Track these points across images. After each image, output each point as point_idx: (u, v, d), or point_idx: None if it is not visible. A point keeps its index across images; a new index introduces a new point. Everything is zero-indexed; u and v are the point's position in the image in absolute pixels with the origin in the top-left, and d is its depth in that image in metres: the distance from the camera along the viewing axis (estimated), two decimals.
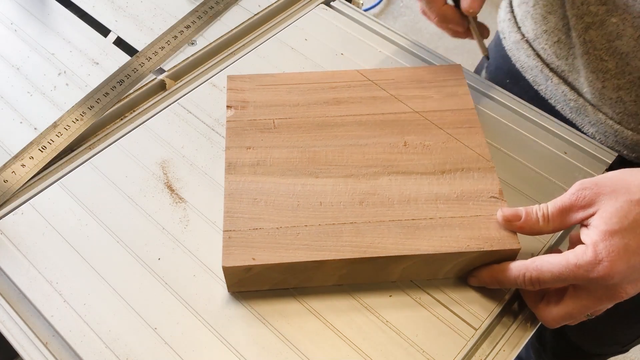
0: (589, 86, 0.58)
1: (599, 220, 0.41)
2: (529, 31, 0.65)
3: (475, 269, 0.48)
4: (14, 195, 0.54)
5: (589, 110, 0.60)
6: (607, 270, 0.40)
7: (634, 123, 0.57)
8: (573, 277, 0.42)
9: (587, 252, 0.41)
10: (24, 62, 0.64)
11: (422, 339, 0.46)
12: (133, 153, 0.56)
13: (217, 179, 0.55)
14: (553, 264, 0.42)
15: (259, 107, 0.55)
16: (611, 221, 0.41)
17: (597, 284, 0.41)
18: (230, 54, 0.66)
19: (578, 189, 0.43)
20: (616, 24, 0.53)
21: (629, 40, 0.53)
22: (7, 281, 0.49)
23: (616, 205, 0.41)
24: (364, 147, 0.52)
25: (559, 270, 0.42)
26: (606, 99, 0.58)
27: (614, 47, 0.54)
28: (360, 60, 0.65)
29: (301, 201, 0.48)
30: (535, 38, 0.64)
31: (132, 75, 0.62)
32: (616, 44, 0.54)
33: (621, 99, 0.57)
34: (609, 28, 0.54)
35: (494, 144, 0.58)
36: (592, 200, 0.43)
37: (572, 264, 0.41)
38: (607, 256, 0.40)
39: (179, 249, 0.50)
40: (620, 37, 0.54)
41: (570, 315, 0.44)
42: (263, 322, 0.46)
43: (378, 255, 0.45)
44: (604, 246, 0.40)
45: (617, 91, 0.57)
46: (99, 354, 0.45)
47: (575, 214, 0.44)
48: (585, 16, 0.55)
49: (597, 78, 0.57)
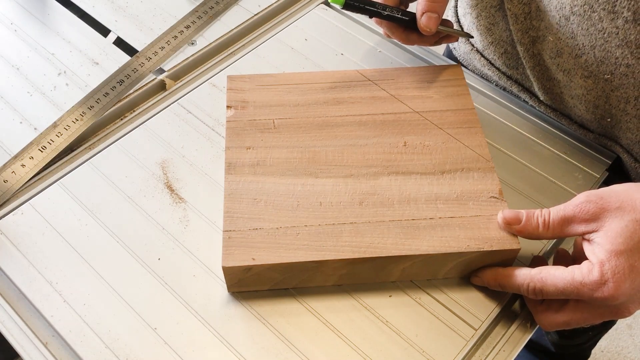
0: (545, 94, 0.58)
1: (605, 239, 0.41)
2: (477, 42, 0.64)
3: (479, 269, 0.48)
4: (14, 195, 0.54)
5: (552, 115, 0.60)
6: (612, 291, 0.40)
7: (593, 126, 0.58)
8: (577, 294, 0.41)
9: (593, 271, 0.40)
10: (24, 62, 0.64)
11: (422, 339, 0.46)
12: (133, 153, 0.56)
13: (217, 179, 0.55)
14: (558, 278, 0.42)
15: (258, 107, 0.55)
16: (617, 241, 0.40)
17: (601, 303, 0.41)
18: (230, 54, 0.66)
19: (582, 201, 0.43)
20: (553, 42, 0.53)
21: (567, 58, 0.53)
22: (7, 281, 0.49)
23: (621, 224, 0.41)
24: (364, 147, 0.52)
25: (564, 286, 0.42)
26: (564, 106, 0.58)
27: (557, 63, 0.55)
28: (360, 60, 0.65)
29: (301, 201, 0.48)
30: (484, 49, 0.63)
31: (132, 76, 0.62)
32: (558, 61, 0.54)
33: (576, 107, 0.57)
34: (549, 45, 0.54)
35: (494, 144, 0.58)
36: (595, 215, 0.42)
37: (578, 282, 0.41)
38: (613, 277, 0.40)
39: (179, 249, 0.50)
40: (560, 54, 0.54)
41: (567, 323, 0.44)
42: (263, 322, 0.46)
43: (378, 255, 0.45)
44: (609, 266, 0.40)
45: (570, 99, 0.57)
46: (99, 354, 0.45)
47: (576, 225, 0.43)
48: (530, 30, 0.55)
49: (553, 86, 0.57)
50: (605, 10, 0.47)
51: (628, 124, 0.53)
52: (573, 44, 0.52)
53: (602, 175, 0.57)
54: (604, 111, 0.55)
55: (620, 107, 0.52)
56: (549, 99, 0.59)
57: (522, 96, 0.62)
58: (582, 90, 0.54)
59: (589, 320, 0.43)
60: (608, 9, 0.47)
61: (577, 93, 0.55)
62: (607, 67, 0.50)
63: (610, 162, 0.57)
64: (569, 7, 0.50)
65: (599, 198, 0.42)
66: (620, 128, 0.55)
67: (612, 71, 0.50)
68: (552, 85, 0.57)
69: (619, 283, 0.40)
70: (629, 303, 0.41)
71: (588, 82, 0.53)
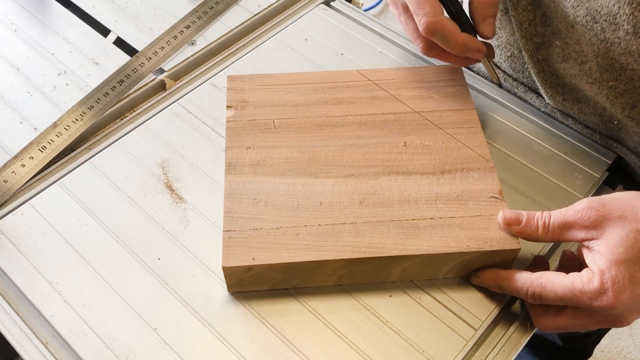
0: (550, 98, 0.58)
1: (605, 248, 0.41)
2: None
3: (480, 270, 0.48)
4: (14, 195, 0.54)
5: (558, 115, 0.60)
6: (611, 301, 0.40)
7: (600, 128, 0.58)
8: (575, 301, 0.41)
9: (593, 280, 0.40)
10: (24, 62, 0.64)
11: (422, 339, 0.46)
12: (133, 153, 0.56)
13: (217, 179, 0.55)
14: (558, 284, 0.42)
15: (258, 107, 0.55)
16: (617, 250, 0.40)
17: (600, 311, 0.41)
18: (230, 54, 0.66)
19: (584, 207, 0.43)
20: (561, 47, 0.53)
21: (573, 65, 0.53)
22: (7, 281, 0.49)
23: (622, 234, 0.41)
24: (364, 147, 0.52)
25: (563, 292, 0.42)
26: (569, 109, 0.58)
27: (563, 68, 0.55)
28: (360, 60, 0.65)
29: (301, 201, 0.48)
30: None
31: (132, 76, 0.62)
32: (564, 66, 0.54)
33: (582, 110, 0.57)
34: (556, 50, 0.54)
35: (494, 144, 0.58)
36: (596, 222, 0.42)
37: (577, 289, 0.41)
38: (613, 286, 0.40)
39: (179, 249, 0.50)
40: (566, 60, 0.54)
41: (564, 327, 0.44)
42: (263, 322, 0.46)
43: (378, 255, 0.45)
44: (609, 276, 0.40)
45: (577, 104, 0.57)
46: (99, 354, 0.45)
47: (576, 231, 0.43)
48: (534, 37, 0.55)
49: (557, 92, 0.57)
50: (607, 22, 0.47)
51: (634, 128, 0.53)
52: (579, 49, 0.52)
53: (602, 175, 0.56)
54: (610, 115, 0.54)
55: (626, 112, 0.52)
56: (555, 102, 0.59)
57: (528, 97, 0.62)
58: (588, 95, 0.54)
59: (586, 327, 0.43)
60: (609, 20, 0.47)
61: (582, 97, 0.55)
62: (611, 74, 0.50)
63: (610, 162, 0.57)
64: (572, 17, 0.50)
65: (601, 205, 0.42)
66: (626, 132, 0.55)
67: (616, 78, 0.50)
68: (558, 90, 0.57)
69: (618, 293, 0.40)
70: (627, 313, 0.41)
71: (593, 88, 0.53)
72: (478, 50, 0.53)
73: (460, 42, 0.51)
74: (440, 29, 0.50)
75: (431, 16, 0.49)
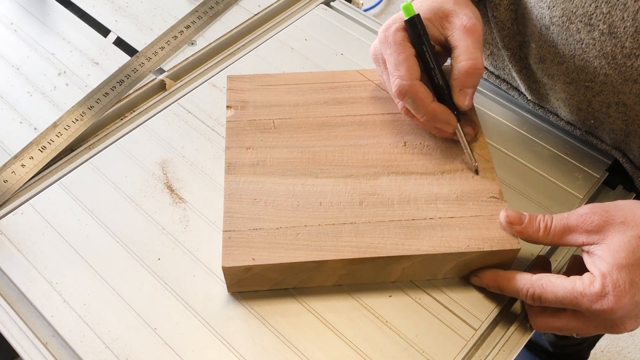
0: (532, 95, 0.59)
1: (607, 252, 0.41)
2: None
3: (480, 270, 0.48)
4: (14, 195, 0.54)
5: (540, 111, 0.60)
6: (611, 304, 0.40)
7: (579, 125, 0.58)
8: (575, 304, 0.41)
9: (595, 283, 0.40)
10: (24, 62, 0.64)
11: (422, 339, 0.46)
12: (133, 153, 0.56)
13: (217, 179, 0.55)
14: (558, 287, 0.42)
15: (258, 107, 0.55)
16: (619, 255, 0.40)
17: (599, 315, 0.41)
18: (230, 54, 0.66)
19: (587, 212, 0.43)
20: (536, 49, 0.54)
21: (550, 65, 0.53)
22: (7, 281, 0.49)
23: (624, 239, 0.41)
24: (364, 147, 0.52)
25: (563, 295, 0.42)
26: (550, 106, 0.59)
27: (541, 68, 0.55)
28: (360, 60, 0.65)
29: (301, 201, 0.48)
30: None
31: (132, 76, 0.62)
32: (542, 66, 0.55)
33: (561, 107, 0.58)
34: (533, 51, 0.54)
35: (494, 144, 0.58)
36: (599, 227, 0.42)
37: (578, 292, 0.41)
38: (614, 290, 0.40)
39: (179, 249, 0.50)
40: (544, 60, 0.54)
41: (560, 329, 0.44)
42: (263, 322, 0.46)
43: (378, 255, 0.45)
44: (611, 279, 0.40)
45: (556, 101, 0.57)
46: (98, 354, 0.45)
47: (577, 235, 0.43)
48: (517, 35, 0.55)
49: (539, 88, 0.58)
50: (582, 23, 0.47)
51: (612, 125, 0.54)
52: (554, 51, 0.52)
53: (602, 176, 0.57)
54: (588, 114, 0.55)
55: (603, 110, 0.53)
56: (536, 99, 0.59)
57: (510, 93, 0.63)
58: (566, 95, 0.55)
59: (583, 330, 0.43)
60: (585, 21, 0.47)
61: (561, 96, 0.56)
62: (587, 75, 0.51)
63: (610, 162, 0.57)
64: (548, 18, 0.50)
65: (604, 211, 0.42)
66: (604, 129, 0.55)
67: (592, 79, 0.51)
68: (538, 88, 0.58)
69: (619, 297, 0.40)
70: (625, 319, 0.41)
71: (570, 88, 0.53)
72: (447, 122, 0.49)
73: (429, 110, 0.49)
74: (411, 93, 0.48)
75: (404, 80, 0.47)
